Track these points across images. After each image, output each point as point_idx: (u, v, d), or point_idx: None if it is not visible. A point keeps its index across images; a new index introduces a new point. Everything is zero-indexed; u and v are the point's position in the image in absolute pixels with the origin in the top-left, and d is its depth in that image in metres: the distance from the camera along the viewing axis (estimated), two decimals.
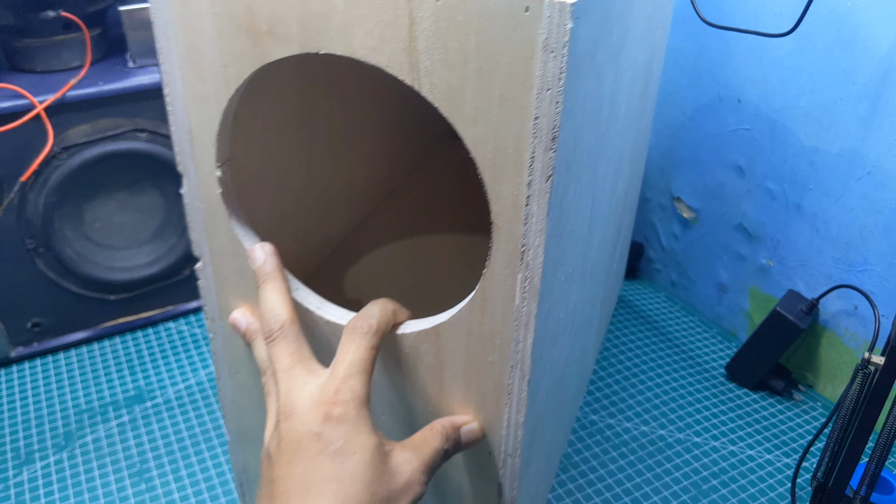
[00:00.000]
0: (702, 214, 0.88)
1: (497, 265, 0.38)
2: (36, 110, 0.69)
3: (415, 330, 0.42)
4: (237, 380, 0.51)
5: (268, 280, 0.42)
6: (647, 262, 0.99)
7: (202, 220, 0.46)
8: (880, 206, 0.68)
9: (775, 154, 0.77)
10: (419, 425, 0.45)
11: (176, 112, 0.43)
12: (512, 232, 0.36)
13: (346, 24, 0.35)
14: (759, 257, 0.82)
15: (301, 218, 0.59)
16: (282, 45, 0.37)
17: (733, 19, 0.75)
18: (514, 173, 0.35)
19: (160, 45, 0.41)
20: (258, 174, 0.50)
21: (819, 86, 0.70)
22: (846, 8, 0.66)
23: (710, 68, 0.81)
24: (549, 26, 0.31)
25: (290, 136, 0.54)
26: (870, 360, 0.50)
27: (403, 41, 0.34)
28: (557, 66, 0.32)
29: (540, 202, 0.35)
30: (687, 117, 0.86)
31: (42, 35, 0.73)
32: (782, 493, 0.67)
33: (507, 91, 0.33)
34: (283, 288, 0.42)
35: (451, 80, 0.34)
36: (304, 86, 0.54)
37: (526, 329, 0.39)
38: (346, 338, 0.39)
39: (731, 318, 0.89)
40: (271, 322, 0.40)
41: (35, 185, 0.72)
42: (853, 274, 0.73)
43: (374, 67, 0.36)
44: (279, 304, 0.40)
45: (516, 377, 0.40)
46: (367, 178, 0.71)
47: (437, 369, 0.43)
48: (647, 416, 0.76)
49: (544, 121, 0.33)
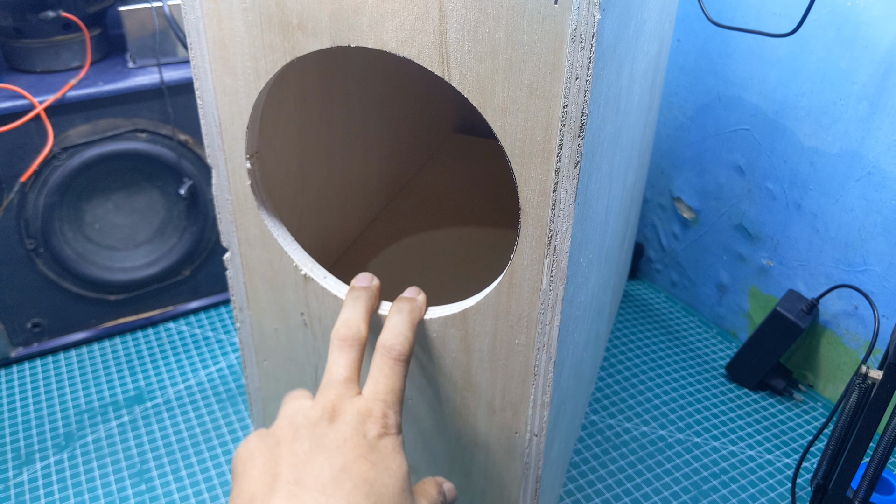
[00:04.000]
0: (702, 214, 0.88)
1: (525, 250, 0.39)
2: (36, 111, 0.69)
3: (442, 315, 0.44)
4: (264, 368, 0.52)
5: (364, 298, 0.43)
6: (647, 262, 0.99)
7: (231, 212, 0.47)
8: (880, 206, 0.68)
9: (775, 154, 0.77)
10: (446, 409, 0.46)
11: (206, 106, 0.44)
12: (540, 217, 0.38)
13: (377, 18, 0.36)
14: (759, 257, 0.82)
15: (321, 211, 0.60)
16: (312, 39, 0.38)
17: (733, 19, 0.75)
18: (543, 160, 0.36)
19: (191, 40, 0.42)
20: (281, 168, 0.51)
21: (819, 86, 0.70)
22: (846, 8, 0.66)
23: (711, 68, 0.81)
24: (577, 18, 0.32)
25: (310, 130, 0.55)
26: (867, 375, 0.50)
27: (434, 34, 0.35)
28: (586, 56, 0.33)
29: (568, 188, 0.36)
30: (687, 117, 0.86)
31: (42, 35, 0.73)
32: (782, 493, 0.67)
33: (535, 81, 0.34)
34: (371, 310, 0.43)
35: (480, 71, 0.35)
36: (323, 80, 0.55)
37: (553, 311, 0.40)
38: (384, 362, 0.40)
39: (731, 318, 0.89)
40: (350, 329, 0.41)
41: (35, 186, 0.72)
42: (853, 274, 0.73)
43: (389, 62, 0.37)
44: (362, 320, 0.42)
45: (542, 359, 0.42)
46: (381, 171, 0.72)
47: (464, 353, 0.44)
48: (648, 416, 0.76)
49: (573, 109, 0.34)
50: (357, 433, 0.37)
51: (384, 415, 0.38)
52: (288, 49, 0.39)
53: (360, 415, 0.38)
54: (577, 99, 0.34)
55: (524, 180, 0.37)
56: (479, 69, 0.35)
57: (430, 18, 0.35)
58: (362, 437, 0.37)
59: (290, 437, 0.38)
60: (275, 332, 0.50)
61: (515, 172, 0.37)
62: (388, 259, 0.65)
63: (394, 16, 0.36)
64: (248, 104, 0.42)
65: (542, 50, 0.34)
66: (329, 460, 0.36)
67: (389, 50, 0.37)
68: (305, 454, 0.36)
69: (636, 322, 0.91)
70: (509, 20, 0.34)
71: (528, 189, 0.37)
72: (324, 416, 0.38)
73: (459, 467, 0.50)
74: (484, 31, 0.34)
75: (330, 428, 0.37)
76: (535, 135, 0.36)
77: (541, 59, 0.34)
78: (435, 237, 0.69)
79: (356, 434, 0.37)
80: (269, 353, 0.51)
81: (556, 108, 0.35)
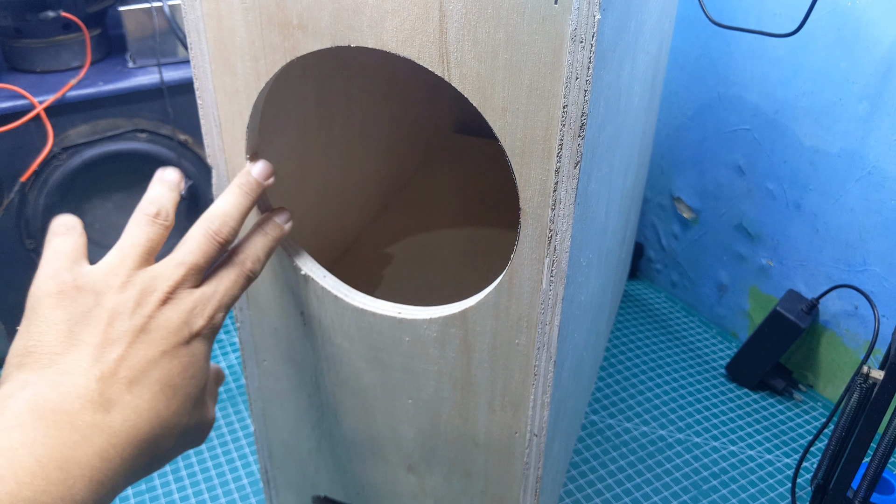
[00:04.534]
0: (702, 214, 0.88)
1: (525, 250, 0.39)
2: (36, 111, 0.69)
3: (442, 315, 0.43)
4: (264, 368, 0.53)
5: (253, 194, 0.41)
6: (647, 262, 0.99)
7: None
8: (880, 206, 0.68)
9: (775, 154, 0.77)
10: (446, 409, 0.46)
11: (206, 105, 0.44)
12: (540, 217, 0.38)
13: (378, 18, 0.36)
14: (759, 257, 0.82)
15: (320, 212, 0.60)
16: (312, 38, 0.38)
17: (734, 19, 0.75)
18: (543, 160, 0.36)
19: (191, 41, 0.42)
20: (281, 168, 0.51)
21: (819, 86, 0.70)
22: (846, 8, 0.66)
23: (711, 68, 0.81)
24: (577, 18, 0.32)
25: (310, 130, 0.55)
26: (869, 375, 0.50)
27: (434, 34, 0.35)
28: (586, 55, 0.33)
29: (568, 188, 0.36)
30: (687, 117, 0.86)
31: (42, 35, 0.73)
32: (782, 493, 0.67)
33: (536, 81, 0.34)
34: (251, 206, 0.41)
35: (480, 71, 0.35)
36: (323, 80, 0.55)
37: (553, 311, 0.40)
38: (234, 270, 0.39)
39: (731, 318, 0.89)
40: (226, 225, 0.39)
41: (35, 186, 0.72)
42: (853, 274, 0.73)
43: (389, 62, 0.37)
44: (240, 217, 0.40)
45: (542, 358, 0.42)
46: (381, 171, 0.72)
47: (464, 353, 0.44)
48: (648, 416, 0.76)
49: (573, 109, 0.34)
50: (183, 325, 0.35)
51: (213, 315, 0.36)
52: (288, 49, 0.39)
53: (193, 304, 0.36)
54: (577, 99, 0.34)
55: (524, 180, 0.37)
56: (479, 69, 0.35)
57: (430, 18, 0.35)
58: (186, 329, 0.35)
59: (112, 304, 0.34)
60: (275, 332, 0.50)
61: (515, 172, 0.37)
62: (388, 259, 0.65)
63: (394, 16, 0.36)
64: (248, 104, 0.42)
65: (542, 50, 0.34)
66: (145, 349, 0.33)
67: (389, 50, 0.37)
68: (123, 332, 0.33)
69: (636, 322, 0.91)
70: (509, 20, 0.34)
71: (528, 189, 0.37)
72: (156, 295, 0.35)
73: (459, 467, 0.50)
74: (484, 31, 0.34)
75: (158, 311, 0.35)
76: (535, 135, 0.36)
77: (541, 59, 0.34)
78: (435, 237, 0.69)
79: (182, 326, 0.35)
80: (269, 352, 0.52)
81: (556, 108, 0.35)
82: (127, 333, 0.34)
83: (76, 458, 0.30)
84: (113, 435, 0.31)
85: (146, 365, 0.33)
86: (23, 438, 0.29)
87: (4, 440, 0.29)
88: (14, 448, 0.29)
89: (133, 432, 0.32)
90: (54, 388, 0.31)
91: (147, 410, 0.33)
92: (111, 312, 0.34)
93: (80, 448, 0.30)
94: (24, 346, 0.33)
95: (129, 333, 0.34)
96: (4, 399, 0.30)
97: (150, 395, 0.33)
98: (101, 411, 0.31)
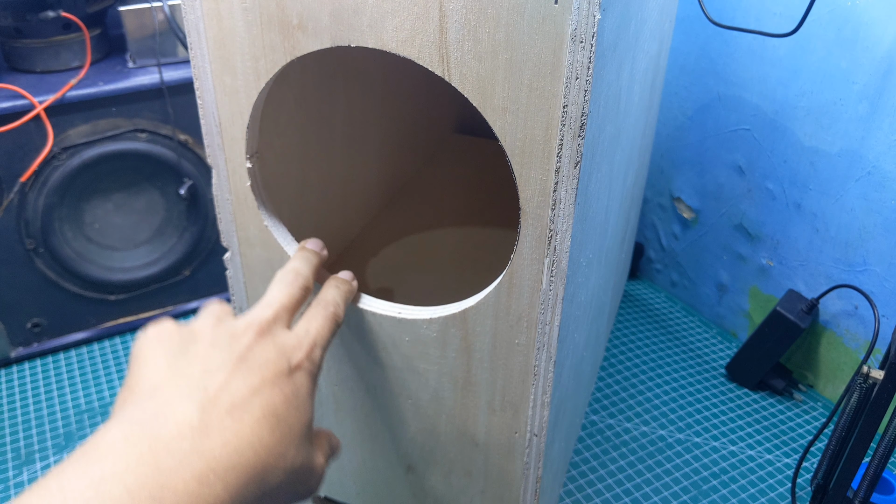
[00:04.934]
0: (702, 214, 0.88)
1: (525, 250, 0.39)
2: (36, 111, 0.69)
3: (442, 315, 0.44)
4: None
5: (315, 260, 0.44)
6: (647, 262, 0.99)
7: (231, 212, 0.48)
8: (880, 206, 0.68)
9: (775, 154, 0.77)
10: (446, 409, 0.46)
11: (206, 105, 0.44)
12: (540, 217, 0.38)
13: (378, 18, 0.36)
14: (759, 257, 0.82)
15: (321, 211, 0.60)
16: (312, 38, 0.38)
17: (733, 19, 0.75)
18: (543, 160, 0.36)
19: (191, 40, 0.42)
20: (281, 168, 0.51)
21: (819, 86, 0.70)
22: (846, 8, 0.66)
23: (711, 68, 0.81)
24: (577, 18, 0.32)
25: (310, 130, 0.55)
26: (869, 375, 0.50)
27: (434, 34, 0.35)
28: (586, 55, 0.33)
29: (568, 188, 0.37)
30: (687, 117, 0.86)
31: (42, 35, 0.73)
32: (782, 493, 0.67)
33: (535, 81, 0.35)
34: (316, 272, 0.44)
35: (480, 71, 0.35)
36: (323, 80, 0.55)
37: (553, 311, 0.40)
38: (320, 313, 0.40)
39: (731, 318, 0.89)
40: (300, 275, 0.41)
41: (35, 186, 0.72)
42: (853, 274, 0.73)
43: (389, 62, 0.37)
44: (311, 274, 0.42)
45: (542, 358, 0.42)
46: (381, 171, 0.72)
47: (464, 353, 0.44)
48: (648, 416, 0.76)
49: (573, 109, 0.34)
50: (282, 356, 0.35)
51: (311, 349, 0.37)
52: (288, 49, 0.39)
53: (289, 339, 0.36)
54: (577, 99, 0.34)
55: (524, 180, 0.37)
56: (480, 69, 0.35)
57: (430, 18, 0.35)
58: (285, 361, 0.35)
59: (209, 339, 0.35)
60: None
61: (515, 172, 0.37)
62: (388, 259, 0.65)
63: (394, 16, 0.36)
64: (248, 104, 0.42)
65: (542, 50, 0.34)
66: (245, 377, 0.33)
67: (389, 50, 0.37)
68: (222, 361, 0.34)
69: (636, 322, 0.91)
70: (509, 20, 0.34)
71: (528, 189, 0.37)
72: (251, 329, 0.36)
73: (459, 467, 0.50)
74: (484, 30, 0.34)
75: (256, 343, 0.35)
76: (535, 135, 0.36)
77: (541, 59, 0.34)
78: (435, 237, 0.69)
79: (280, 357, 0.35)
80: None
81: (556, 108, 0.35)
82: (227, 363, 0.34)
83: (171, 485, 0.28)
84: (213, 459, 0.30)
85: (248, 392, 0.33)
86: (114, 468, 0.28)
87: (96, 470, 0.28)
88: (104, 479, 0.28)
89: (235, 457, 0.31)
90: (153, 417, 0.31)
91: (249, 435, 0.32)
92: (209, 345, 0.35)
93: (175, 473, 0.29)
94: (126, 386, 0.34)
95: (229, 363, 0.34)
96: (102, 433, 0.30)
97: (253, 420, 0.32)
98: (201, 436, 0.30)
